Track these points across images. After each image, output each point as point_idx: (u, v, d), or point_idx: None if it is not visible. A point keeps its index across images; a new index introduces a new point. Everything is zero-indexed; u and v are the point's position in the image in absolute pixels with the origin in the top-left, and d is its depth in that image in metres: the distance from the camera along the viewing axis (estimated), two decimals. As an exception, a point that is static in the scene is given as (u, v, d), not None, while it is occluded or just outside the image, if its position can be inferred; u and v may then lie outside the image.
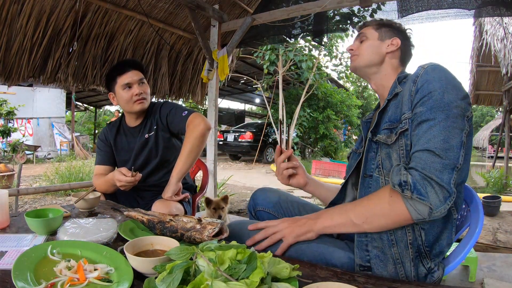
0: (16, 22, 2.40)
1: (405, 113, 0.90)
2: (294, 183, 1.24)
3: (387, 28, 1.12)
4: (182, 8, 3.15)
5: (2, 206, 1.09)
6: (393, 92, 1.00)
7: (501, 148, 9.36)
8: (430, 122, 0.83)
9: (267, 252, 0.69)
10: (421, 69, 0.93)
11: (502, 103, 6.84)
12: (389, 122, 0.95)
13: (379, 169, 0.94)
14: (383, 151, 0.94)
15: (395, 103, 0.98)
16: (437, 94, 0.84)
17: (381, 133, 0.96)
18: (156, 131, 1.66)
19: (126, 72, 1.60)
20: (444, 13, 2.62)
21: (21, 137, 9.39)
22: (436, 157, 0.79)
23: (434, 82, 0.86)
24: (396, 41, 1.09)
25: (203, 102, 4.29)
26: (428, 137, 0.81)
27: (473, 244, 1.00)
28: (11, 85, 2.63)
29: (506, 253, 2.53)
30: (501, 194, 5.08)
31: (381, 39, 1.10)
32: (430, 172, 0.78)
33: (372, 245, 0.90)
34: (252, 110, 23.65)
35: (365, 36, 1.13)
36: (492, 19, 5.39)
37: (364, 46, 1.11)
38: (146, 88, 1.64)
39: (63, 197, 4.61)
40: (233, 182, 6.40)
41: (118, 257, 0.81)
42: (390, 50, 1.09)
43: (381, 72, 1.10)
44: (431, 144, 0.80)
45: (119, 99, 1.64)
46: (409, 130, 0.88)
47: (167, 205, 1.43)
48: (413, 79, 0.92)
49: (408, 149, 0.88)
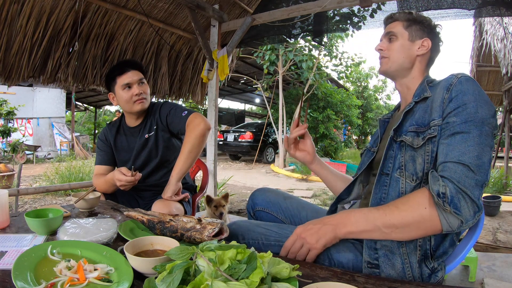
0: (16, 22, 2.40)
1: (435, 120, 0.90)
2: (301, 156, 1.26)
3: (417, 25, 1.06)
4: (182, 8, 3.15)
5: (2, 206, 1.09)
6: (421, 95, 0.99)
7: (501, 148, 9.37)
8: (464, 135, 0.83)
9: (267, 252, 0.69)
10: (455, 78, 0.91)
11: (502, 103, 6.84)
12: (416, 125, 0.94)
13: (401, 170, 0.93)
14: (408, 153, 0.93)
15: (423, 106, 0.96)
16: (472, 107, 0.84)
17: (408, 135, 0.95)
18: (156, 131, 1.66)
19: (126, 72, 1.60)
20: (444, 13, 2.62)
21: (21, 137, 9.39)
22: (470, 172, 0.79)
23: (469, 95, 0.86)
24: (427, 43, 1.05)
25: (203, 102, 4.29)
26: (463, 150, 0.81)
27: (473, 244, 1.00)
28: (11, 85, 2.63)
29: (506, 253, 2.53)
30: (501, 194, 5.08)
31: (412, 40, 1.06)
32: (465, 186, 0.78)
33: (381, 243, 0.90)
34: (252, 110, 23.66)
35: (394, 35, 1.08)
36: (492, 19, 5.39)
37: (395, 47, 1.07)
38: (146, 88, 1.64)
39: (63, 197, 4.61)
40: (233, 182, 6.40)
41: (118, 257, 0.81)
42: (421, 53, 1.06)
43: (410, 75, 1.08)
44: (465, 158, 0.80)
45: (119, 99, 1.64)
46: (438, 137, 0.88)
47: (167, 205, 1.43)
48: (446, 86, 0.91)
49: (434, 155, 0.88)
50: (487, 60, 6.09)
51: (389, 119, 1.17)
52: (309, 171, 7.91)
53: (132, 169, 1.44)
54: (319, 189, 5.85)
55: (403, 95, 1.11)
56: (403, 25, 1.07)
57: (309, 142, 1.26)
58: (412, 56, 1.05)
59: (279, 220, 1.26)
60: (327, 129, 10.86)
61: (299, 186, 6.39)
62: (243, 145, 10.32)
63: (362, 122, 15.62)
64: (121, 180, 1.42)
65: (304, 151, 1.26)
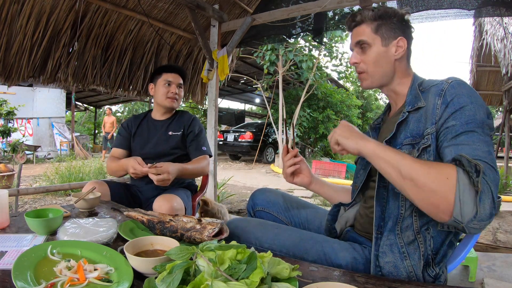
0: (16, 22, 2.40)
1: (428, 128, 0.86)
2: (298, 181, 1.22)
3: (387, 26, 0.98)
4: (182, 8, 3.15)
5: (2, 206, 1.09)
6: (415, 105, 0.93)
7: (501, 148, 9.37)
8: (469, 134, 0.78)
9: (267, 252, 0.69)
10: (445, 83, 0.88)
11: (502, 103, 6.84)
12: (411, 137, 0.90)
13: None
14: None
15: (417, 116, 0.92)
16: (470, 110, 0.81)
17: (403, 148, 0.90)
18: (182, 134, 1.84)
19: (172, 72, 1.86)
20: (444, 13, 2.62)
21: (21, 137, 9.38)
22: (491, 167, 0.73)
23: (464, 97, 0.83)
24: (403, 42, 0.98)
25: (203, 102, 4.29)
26: (474, 146, 0.76)
27: (473, 244, 1.00)
28: (11, 85, 2.63)
29: (506, 253, 2.53)
30: (501, 194, 5.08)
31: (385, 44, 0.98)
32: (490, 180, 0.72)
33: (384, 260, 0.88)
34: (252, 110, 23.65)
35: (365, 43, 0.99)
36: (492, 19, 5.39)
37: (370, 58, 1.00)
38: (181, 92, 1.89)
39: (63, 197, 4.61)
40: (233, 182, 6.39)
41: (118, 257, 0.81)
42: (399, 56, 0.99)
43: (394, 81, 1.02)
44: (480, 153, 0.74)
45: (157, 91, 1.85)
46: (432, 146, 0.84)
47: (168, 199, 1.51)
48: (438, 92, 0.88)
49: None
50: (487, 60, 6.08)
51: (380, 124, 1.13)
52: (309, 171, 7.90)
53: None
54: (319, 189, 5.84)
55: (392, 99, 1.07)
56: (372, 28, 0.99)
57: (304, 165, 1.22)
58: (390, 62, 0.99)
59: (279, 220, 1.26)
60: (327, 129, 10.86)
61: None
62: (243, 145, 10.32)
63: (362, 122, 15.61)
64: (136, 169, 1.52)
65: (300, 174, 1.23)
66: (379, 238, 0.91)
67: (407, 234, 0.88)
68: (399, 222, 0.89)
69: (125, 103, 19.14)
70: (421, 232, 0.87)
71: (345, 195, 1.24)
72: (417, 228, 0.87)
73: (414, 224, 0.87)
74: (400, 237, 0.88)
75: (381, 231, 0.91)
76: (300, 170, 1.22)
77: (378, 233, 0.91)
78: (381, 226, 0.91)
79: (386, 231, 0.90)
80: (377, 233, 0.91)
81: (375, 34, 0.99)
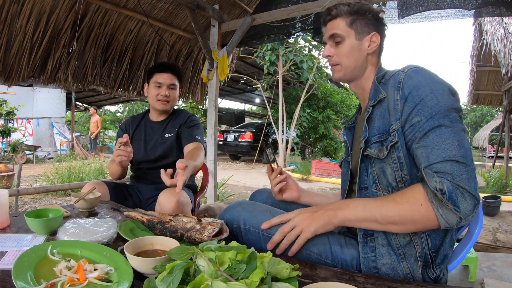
0: (16, 22, 2.40)
1: (393, 124, 0.86)
2: (287, 197, 1.22)
3: (362, 21, 0.99)
4: (182, 8, 3.15)
5: (2, 206, 1.09)
6: (376, 98, 0.93)
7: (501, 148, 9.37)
8: (437, 131, 0.79)
9: (267, 252, 0.69)
10: (402, 73, 0.87)
11: (502, 103, 6.84)
12: (378, 134, 0.90)
13: (376, 185, 0.90)
14: (377, 165, 0.90)
15: (380, 111, 0.92)
16: (431, 100, 0.80)
17: (372, 147, 0.90)
18: (176, 134, 1.78)
19: (164, 72, 1.76)
20: (444, 12, 2.62)
21: (21, 137, 9.38)
22: (460, 165, 0.75)
23: (423, 87, 0.82)
24: (376, 38, 1.00)
25: (203, 102, 4.29)
26: (443, 146, 0.77)
27: (473, 244, 1.00)
28: (11, 85, 2.63)
29: (506, 253, 2.53)
30: (501, 194, 5.07)
31: (359, 38, 0.99)
32: (460, 181, 0.74)
33: (381, 262, 0.87)
34: (252, 110, 23.65)
35: (340, 36, 1.00)
36: (492, 19, 5.39)
37: (344, 51, 1.00)
38: (173, 93, 1.79)
39: (63, 197, 4.60)
40: (233, 182, 6.39)
41: (118, 257, 0.81)
42: (372, 50, 1.00)
43: (364, 76, 1.03)
44: (449, 153, 0.76)
45: (149, 92, 1.80)
46: (399, 142, 0.84)
47: (174, 193, 1.41)
48: (396, 85, 0.87)
49: (402, 161, 0.85)
50: (487, 60, 6.08)
51: (354, 124, 1.13)
52: (309, 171, 7.91)
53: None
54: (319, 189, 5.85)
55: (361, 96, 1.07)
56: (347, 22, 1.00)
57: (290, 180, 1.21)
58: (363, 56, 1.00)
59: None
60: (326, 129, 10.86)
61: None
62: (243, 145, 10.31)
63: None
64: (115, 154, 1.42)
65: (288, 190, 1.21)
66: (368, 241, 0.89)
67: (403, 235, 0.86)
68: None
69: (125, 103, 19.13)
70: (417, 232, 0.85)
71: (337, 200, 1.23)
72: None
73: None
74: (396, 237, 0.87)
75: (370, 233, 0.89)
76: (287, 186, 1.21)
77: (365, 237, 0.90)
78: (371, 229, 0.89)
79: (378, 232, 0.88)
80: (364, 237, 0.90)
81: (349, 28, 0.99)
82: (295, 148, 10.42)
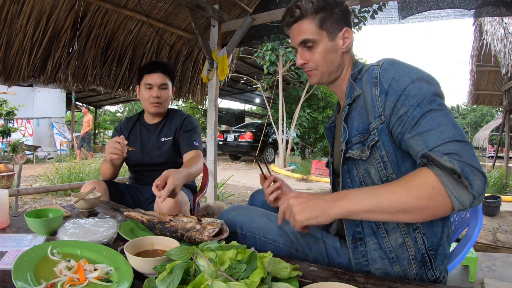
0: (16, 22, 2.40)
1: (372, 123, 0.82)
2: None
3: (330, 17, 0.92)
4: (182, 8, 3.15)
5: (2, 206, 1.09)
6: (352, 95, 0.89)
7: (501, 148, 9.36)
8: (428, 115, 0.74)
9: (267, 252, 0.69)
10: (377, 68, 0.84)
11: (502, 103, 6.84)
12: (358, 134, 0.86)
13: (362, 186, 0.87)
14: (361, 167, 0.86)
15: (358, 109, 0.88)
16: (414, 89, 0.77)
17: (354, 149, 0.86)
18: (173, 138, 1.73)
19: (153, 73, 1.69)
20: (444, 12, 2.62)
21: (21, 137, 9.38)
22: (462, 143, 0.71)
23: (402, 78, 0.79)
24: (349, 33, 0.93)
25: (203, 102, 4.29)
26: (440, 128, 0.73)
27: (472, 243, 1.00)
28: (11, 85, 2.63)
29: (506, 253, 2.53)
30: (501, 194, 5.08)
31: (332, 38, 0.93)
32: (468, 159, 0.69)
33: (373, 267, 0.85)
34: (252, 110, 23.64)
35: (312, 41, 0.93)
36: (492, 19, 5.39)
37: (319, 56, 0.93)
38: (165, 94, 1.72)
39: (63, 197, 4.60)
40: (233, 182, 6.39)
41: (118, 257, 0.81)
42: (347, 48, 0.95)
43: (341, 75, 0.98)
44: (448, 133, 0.72)
45: (140, 95, 1.74)
46: (380, 140, 0.81)
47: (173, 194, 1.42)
48: (372, 81, 0.83)
49: (385, 160, 0.82)
50: (487, 60, 6.09)
51: (334, 123, 1.09)
52: (309, 171, 7.91)
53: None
54: (319, 189, 5.85)
55: (339, 95, 1.02)
56: (316, 24, 0.92)
57: (285, 187, 1.13)
58: (339, 56, 0.95)
59: None
60: (327, 129, 10.85)
61: (299, 186, 6.39)
62: (243, 145, 10.31)
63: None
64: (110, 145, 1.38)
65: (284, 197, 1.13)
66: (358, 246, 0.87)
67: (394, 237, 0.83)
68: (382, 224, 0.85)
69: (125, 103, 19.15)
70: (409, 233, 0.83)
71: None
72: (405, 229, 0.83)
73: (400, 225, 0.83)
74: (388, 240, 0.84)
75: (360, 237, 0.87)
76: (282, 193, 1.13)
77: (355, 241, 0.87)
78: (359, 232, 0.87)
79: (368, 236, 0.86)
80: (353, 241, 0.88)
81: (320, 30, 0.92)
82: (295, 148, 10.42)
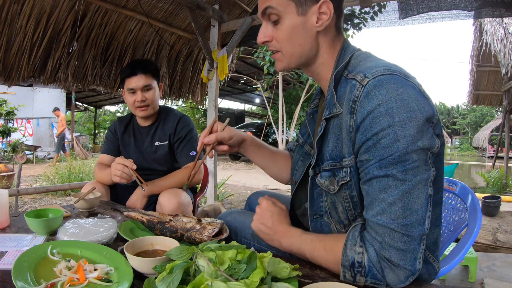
0: (16, 22, 2.40)
1: (346, 158, 0.70)
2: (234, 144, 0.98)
3: None
4: (182, 8, 3.15)
5: (2, 206, 1.09)
6: (331, 110, 0.73)
7: (501, 148, 9.37)
8: (382, 181, 0.63)
9: (267, 252, 0.69)
10: (360, 86, 0.65)
11: (502, 103, 6.85)
12: (331, 160, 0.74)
13: (328, 216, 0.80)
14: (329, 198, 0.78)
15: (335, 130, 0.73)
16: (387, 136, 0.61)
17: (322, 177, 0.76)
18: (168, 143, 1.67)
19: (133, 76, 1.56)
20: (444, 14, 2.63)
21: (21, 137, 9.39)
22: (396, 234, 0.62)
23: (381, 115, 0.62)
24: (327, 6, 0.72)
25: (203, 102, 4.29)
26: (382, 204, 0.63)
27: (472, 243, 1.00)
28: (11, 85, 2.64)
29: (506, 253, 2.53)
30: (501, 194, 5.08)
31: (303, 12, 0.73)
32: (389, 254, 0.62)
33: None
34: (252, 110, 23.65)
35: (276, 14, 0.74)
36: (492, 20, 5.40)
37: (283, 34, 0.75)
38: (151, 95, 1.60)
39: (63, 197, 4.61)
40: (233, 182, 6.39)
41: (118, 257, 0.81)
42: (324, 26, 0.74)
43: (317, 60, 0.79)
44: (387, 217, 0.62)
45: (126, 100, 1.65)
46: (353, 180, 0.71)
47: (174, 194, 1.43)
48: (349, 105, 0.67)
49: (355, 200, 0.73)
50: (487, 60, 6.10)
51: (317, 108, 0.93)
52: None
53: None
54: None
55: (319, 82, 0.85)
56: None
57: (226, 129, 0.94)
58: (312, 37, 0.75)
59: None
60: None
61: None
62: (243, 145, 10.30)
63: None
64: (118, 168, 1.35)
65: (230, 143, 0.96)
66: None
67: None
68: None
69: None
70: None
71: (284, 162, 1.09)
72: None
73: None
74: None
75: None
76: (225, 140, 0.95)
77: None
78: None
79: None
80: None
81: (287, 0, 0.73)
82: (295, 148, 10.41)
